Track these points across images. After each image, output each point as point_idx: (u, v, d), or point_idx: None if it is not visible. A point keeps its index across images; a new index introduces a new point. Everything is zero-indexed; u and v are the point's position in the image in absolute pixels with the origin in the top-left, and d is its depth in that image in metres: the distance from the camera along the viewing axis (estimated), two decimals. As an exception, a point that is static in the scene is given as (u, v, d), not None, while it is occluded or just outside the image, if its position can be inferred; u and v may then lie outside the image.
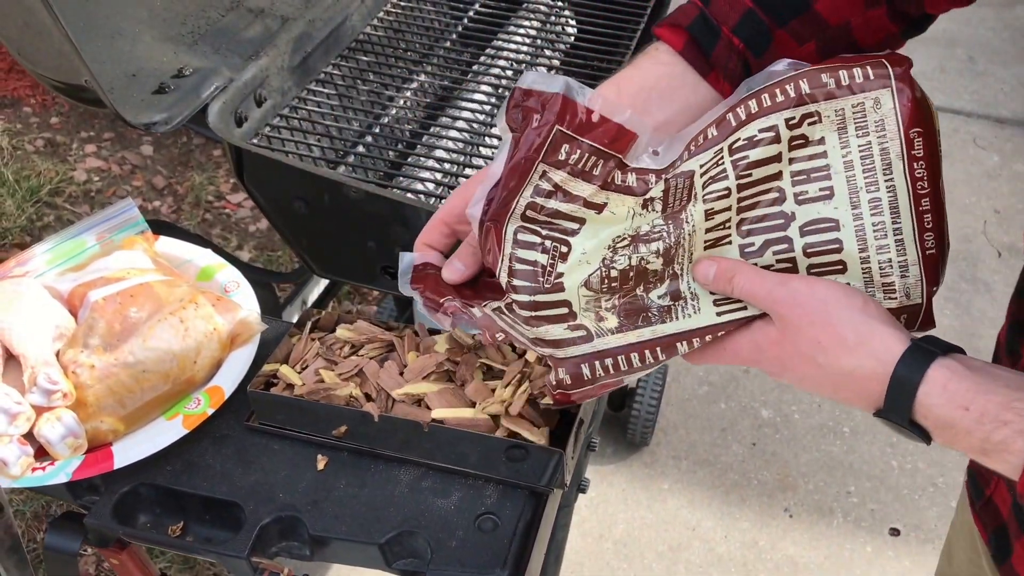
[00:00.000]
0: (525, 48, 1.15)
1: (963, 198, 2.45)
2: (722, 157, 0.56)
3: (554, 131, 0.56)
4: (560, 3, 1.24)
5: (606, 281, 0.57)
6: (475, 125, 1.03)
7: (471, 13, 1.22)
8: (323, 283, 1.55)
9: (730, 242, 0.56)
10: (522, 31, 1.17)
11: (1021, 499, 0.49)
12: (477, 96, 1.07)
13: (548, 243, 0.57)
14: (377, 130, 1.04)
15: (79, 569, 0.70)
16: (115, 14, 0.90)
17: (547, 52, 1.18)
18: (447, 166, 0.97)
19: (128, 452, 0.66)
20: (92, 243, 0.82)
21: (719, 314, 0.56)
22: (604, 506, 1.69)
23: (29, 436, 0.65)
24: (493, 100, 1.07)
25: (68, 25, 0.78)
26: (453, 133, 1.01)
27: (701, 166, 0.57)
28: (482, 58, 1.14)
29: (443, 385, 0.68)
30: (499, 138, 1.04)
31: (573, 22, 1.23)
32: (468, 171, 0.98)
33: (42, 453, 0.66)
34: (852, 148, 0.55)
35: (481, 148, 1.00)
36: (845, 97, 0.55)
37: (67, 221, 2.23)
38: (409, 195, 0.91)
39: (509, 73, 1.12)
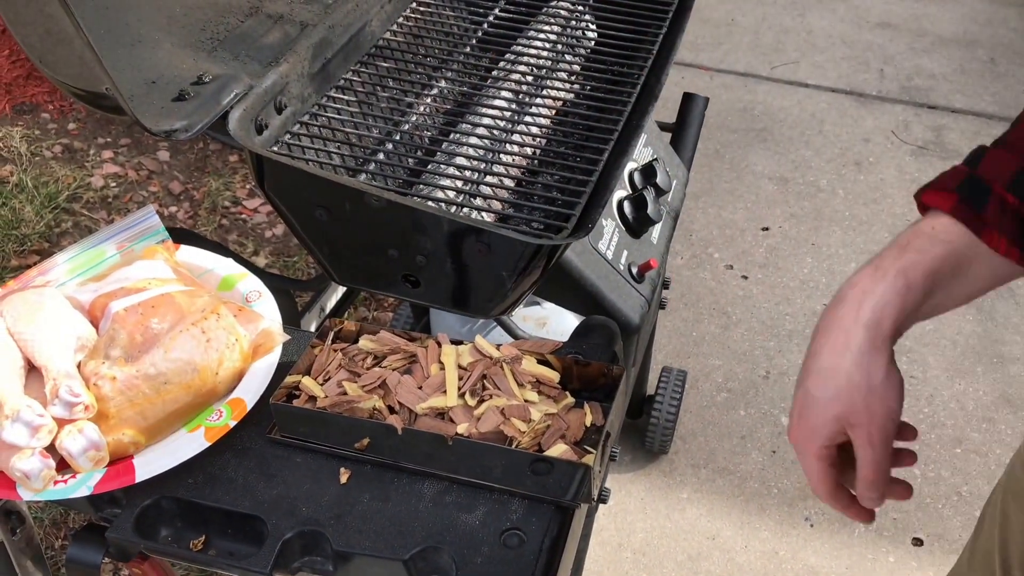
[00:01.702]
0: (545, 53, 1.14)
1: (985, 202, 2.42)
2: None
3: None
4: (580, 7, 1.23)
5: None
6: (495, 132, 1.02)
7: (490, 18, 1.21)
8: (341, 290, 1.54)
9: None
10: (542, 36, 1.16)
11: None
12: (497, 102, 1.06)
13: None
14: (397, 137, 1.03)
15: (100, 578, 0.69)
16: (135, 21, 0.89)
17: (567, 57, 1.17)
18: (467, 173, 0.96)
19: (150, 465, 0.66)
20: (113, 252, 0.82)
21: None
22: (623, 515, 1.68)
23: (51, 449, 0.65)
24: (513, 106, 1.06)
25: (89, 32, 0.77)
26: (473, 140, 1.00)
27: None
28: (501, 63, 1.13)
29: (467, 398, 0.67)
30: (519, 144, 1.03)
31: (593, 26, 1.22)
32: (489, 178, 0.97)
33: (63, 466, 0.66)
34: None
35: (502, 155, 0.99)
36: None
37: (85, 227, 2.24)
38: (430, 203, 0.90)
39: (529, 79, 1.11)
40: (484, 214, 0.92)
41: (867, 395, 0.61)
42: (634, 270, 1.03)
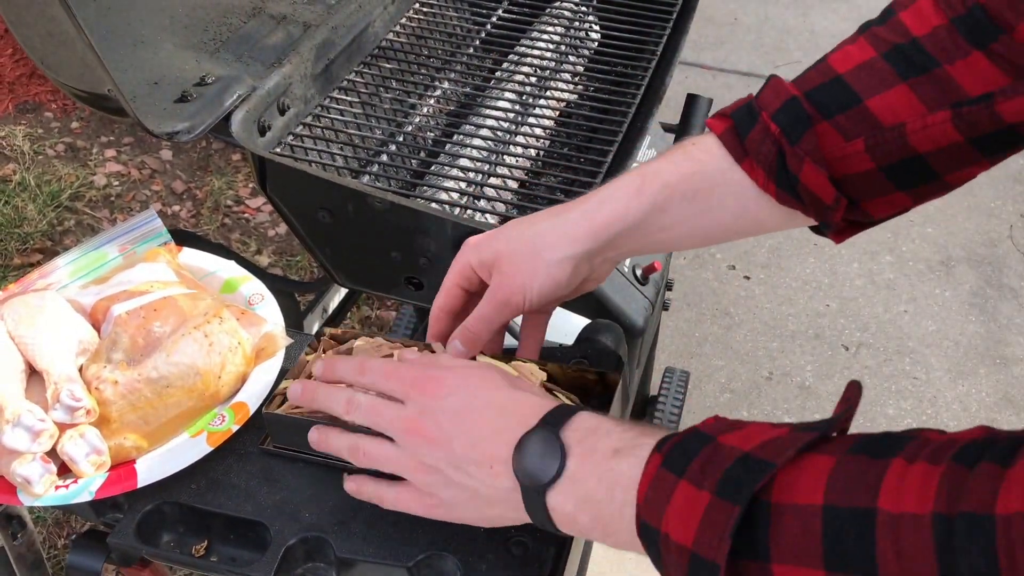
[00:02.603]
0: (549, 54, 1.14)
1: (988, 201, 2.41)
2: None
3: None
4: (584, 8, 1.22)
5: None
6: (499, 133, 1.01)
7: (494, 19, 1.20)
8: (343, 291, 1.54)
9: None
10: (545, 37, 1.16)
11: (639, 512, 0.47)
12: (501, 103, 1.05)
13: None
14: (400, 138, 1.03)
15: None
16: (137, 22, 0.89)
17: (571, 58, 1.16)
18: (471, 175, 0.95)
19: (152, 470, 0.65)
20: (115, 255, 0.81)
21: None
22: (625, 516, 1.67)
23: (52, 453, 0.64)
24: (517, 107, 1.06)
25: (91, 34, 0.77)
26: (477, 141, 1.00)
27: None
28: (505, 64, 1.12)
29: None
30: (523, 145, 1.02)
31: (597, 27, 1.22)
32: (492, 180, 0.96)
33: (64, 470, 0.65)
34: None
35: (505, 156, 0.98)
36: None
37: (87, 226, 2.23)
38: (433, 205, 0.89)
39: (533, 80, 1.10)
40: (488, 216, 0.92)
41: (532, 266, 0.62)
42: (638, 272, 1.02)
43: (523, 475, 0.51)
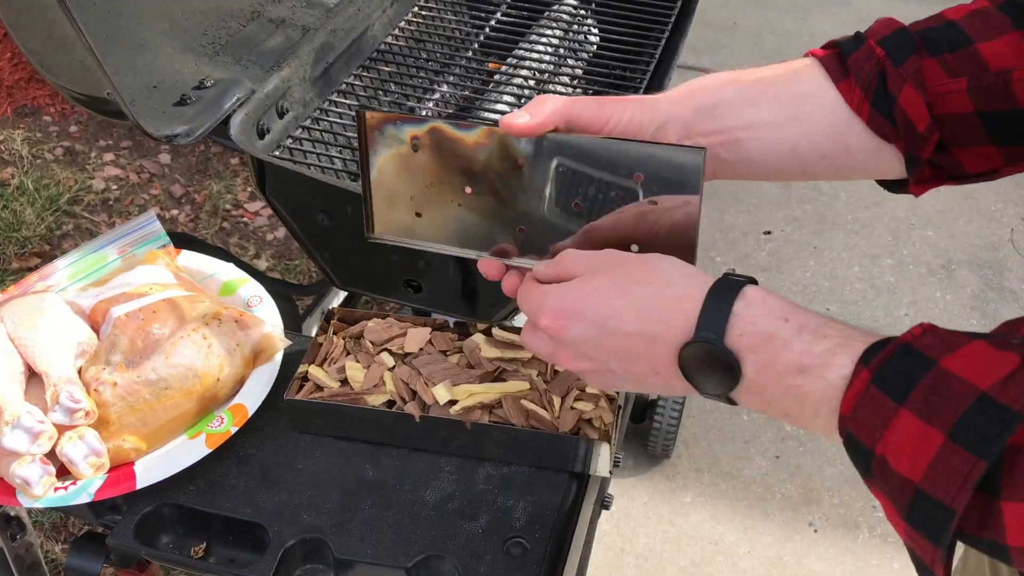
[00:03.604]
0: (547, 57, 1.14)
1: (989, 205, 2.41)
2: None
3: None
4: (583, 11, 1.22)
5: None
6: (498, 136, 1.01)
7: (492, 22, 1.20)
8: (342, 294, 1.54)
9: None
10: (544, 40, 1.16)
11: (845, 422, 0.44)
12: (499, 106, 1.05)
13: None
14: (399, 141, 1.03)
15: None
16: (137, 25, 0.89)
17: (569, 61, 1.16)
18: (470, 177, 0.96)
19: (150, 471, 0.65)
20: (114, 257, 0.81)
21: None
22: (625, 520, 1.67)
23: (51, 455, 0.64)
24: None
25: (91, 37, 0.77)
26: (476, 144, 1.00)
27: None
28: (504, 67, 1.13)
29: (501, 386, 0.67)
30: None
31: (595, 30, 1.22)
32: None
33: (64, 472, 0.65)
34: None
35: (504, 159, 0.98)
36: None
37: (86, 229, 2.23)
38: (432, 207, 0.89)
39: (531, 83, 1.10)
40: (487, 219, 0.92)
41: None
42: (637, 275, 1.03)
43: (695, 389, 0.49)
